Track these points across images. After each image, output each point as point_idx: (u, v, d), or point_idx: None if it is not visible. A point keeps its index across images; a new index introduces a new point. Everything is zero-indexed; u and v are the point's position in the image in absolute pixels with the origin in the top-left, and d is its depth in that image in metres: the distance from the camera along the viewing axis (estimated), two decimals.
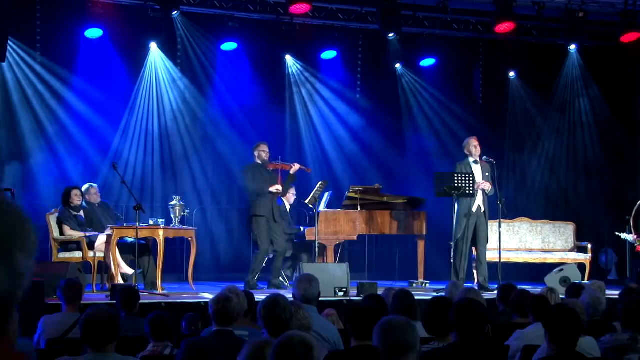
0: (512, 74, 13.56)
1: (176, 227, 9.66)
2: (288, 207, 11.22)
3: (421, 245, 11.34)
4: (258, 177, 10.31)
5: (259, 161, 10.41)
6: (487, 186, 10.30)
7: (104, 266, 9.73)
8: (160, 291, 9.28)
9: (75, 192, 9.80)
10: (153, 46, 11.99)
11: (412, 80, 13.52)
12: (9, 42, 10.92)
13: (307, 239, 10.96)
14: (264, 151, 10.41)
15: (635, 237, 11.23)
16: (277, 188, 10.34)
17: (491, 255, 10.49)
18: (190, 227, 9.98)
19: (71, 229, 9.66)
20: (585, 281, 10.00)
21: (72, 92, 11.72)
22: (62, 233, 9.70)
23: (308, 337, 2.93)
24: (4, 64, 11.12)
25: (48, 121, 11.61)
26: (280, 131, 12.59)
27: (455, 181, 10.10)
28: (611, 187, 13.61)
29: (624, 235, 11.26)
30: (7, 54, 10.93)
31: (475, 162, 10.41)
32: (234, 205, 12.96)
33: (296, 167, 10.57)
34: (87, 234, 9.62)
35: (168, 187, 12.25)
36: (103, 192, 10.51)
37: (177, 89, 12.39)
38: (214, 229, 12.70)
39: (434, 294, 9.24)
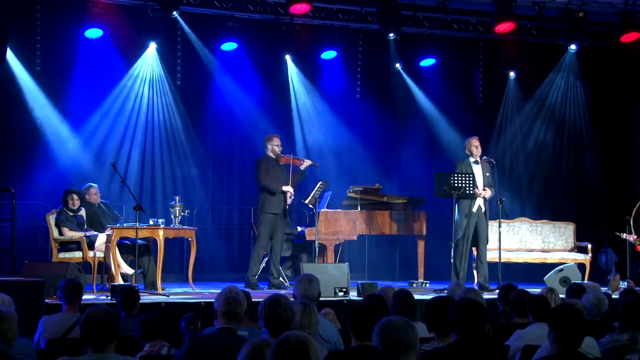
0: (512, 74, 13.55)
1: (176, 227, 9.65)
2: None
3: (421, 245, 11.35)
4: (271, 173, 10.22)
5: (271, 154, 10.33)
6: (488, 194, 10.31)
7: (104, 266, 9.73)
8: (160, 291, 9.28)
9: (72, 196, 9.78)
10: (152, 46, 11.98)
11: (412, 80, 13.51)
12: (9, 42, 10.90)
13: (307, 239, 10.96)
14: (277, 145, 10.32)
15: (635, 237, 11.23)
16: (290, 190, 10.26)
17: (491, 255, 10.49)
18: (190, 227, 9.98)
19: (69, 230, 9.65)
20: (586, 281, 10.00)
21: (73, 91, 11.72)
22: (61, 234, 9.70)
23: (305, 337, 2.93)
24: (4, 65, 11.10)
25: (48, 121, 11.61)
26: (279, 131, 12.54)
27: (456, 181, 10.10)
28: (611, 187, 13.61)
29: (624, 235, 11.26)
30: (7, 55, 10.91)
31: (476, 162, 10.41)
32: (234, 205, 12.98)
33: (307, 162, 10.55)
34: (87, 234, 9.62)
35: (168, 187, 12.26)
36: (103, 192, 10.52)
37: (177, 88, 12.39)
38: (214, 229, 12.70)
39: (434, 294, 9.25)
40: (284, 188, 10.22)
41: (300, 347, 2.85)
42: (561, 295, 6.52)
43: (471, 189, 10.13)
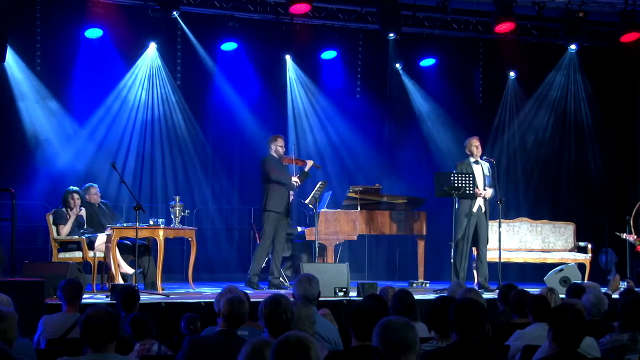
0: (512, 74, 13.56)
1: (176, 227, 9.65)
2: None
3: (421, 245, 11.34)
4: (276, 169, 10.28)
5: (274, 154, 10.36)
6: (488, 194, 10.31)
7: (104, 266, 9.73)
8: (160, 291, 9.28)
9: (72, 195, 9.78)
10: (152, 46, 11.99)
11: (412, 80, 13.51)
12: (9, 41, 10.90)
13: (307, 239, 10.96)
14: (280, 146, 10.36)
15: (635, 237, 11.23)
16: (296, 180, 10.32)
17: (491, 255, 10.49)
18: (190, 227, 9.98)
19: (63, 226, 9.63)
20: (586, 281, 10.00)
21: (73, 91, 11.72)
22: (59, 233, 9.69)
23: (306, 337, 2.93)
24: (4, 64, 11.11)
25: (48, 121, 11.61)
26: (279, 131, 12.54)
27: (456, 181, 10.10)
28: (611, 187, 13.61)
29: (624, 235, 11.26)
30: (7, 54, 10.91)
31: (476, 162, 10.42)
32: (234, 205, 12.97)
33: (310, 163, 10.57)
34: (78, 215, 9.61)
35: (168, 187, 12.26)
36: (104, 192, 10.52)
37: (177, 88, 12.39)
38: (214, 229, 12.70)
39: (434, 294, 9.25)
40: (293, 178, 10.25)
41: (301, 347, 2.85)
42: (561, 295, 6.52)
43: (471, 189, 10.14)
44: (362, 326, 4.10)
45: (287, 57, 12.88)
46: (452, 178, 10.14)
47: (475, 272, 10.56)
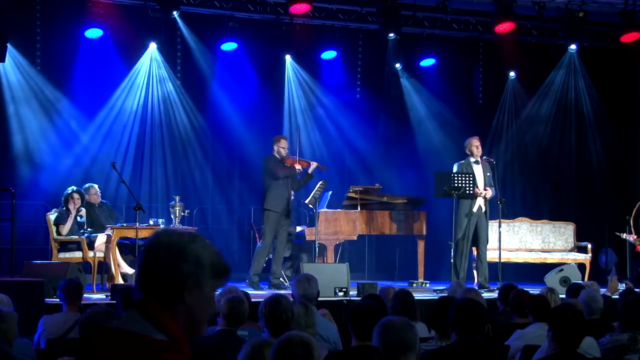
0: (512, 74, 13.56)
1: (176, 227, 9.65)
2: None
3: (421, 245, 11.34)
4: (280, 168, 10.26)
5: (277, 155, 10.35)
6: (489, 194, 10.30)
7: (104, 266, 9.73)
8: None
9: (72, 195, 9.78)
10: (152, 46, 12.00)
11: (411, 80, 13.51)
12: (9, 42, 10.90)
13: (307, 239, 10.96)
14: (283, 147, 10.33)
15: (635, 237, 11.23)
16: (298, 168, 10.30)
17: (491, 255, 10.49)
18: (190, 227, 9.97)
19: (64, 225, 9.62)
20: (586, 281, 10.00)
21: (73, 91, 11.73)
22: (59, 233, 9.69)
23: (308, 337, 2.94)
24: (4, 64, 11.11)
25: (48, 121, 11.61)
26: (279, 131, 12.55)
27: (456, 181, 10.10)
28: (611, 187, 13.61)
29: (624, 235, 11.26)
30: (7, 54, 10.91)
31: (477, 162, 10.41)
32: (234, 205, 12.97)
33: (314, 165, 10.54)
34: (79, 216, 9.61)
35: (168, 187, 12.26)
36: (103, 192, 10.52)
37: (177, 88, 12.40)
38: (214, 229, 12.70)
39: (434, 294, 9.25)
40: (297, 166, 10.26)
41: (304, 347, 2.86)
42: (561, 295, 6.52)
43: (471, 189, 10.13)
44: (362, 326, 4.10)
45: (287, 57, 12.89)
46: (452, 178, 10.14)
47: (475, 272, 10.55)
